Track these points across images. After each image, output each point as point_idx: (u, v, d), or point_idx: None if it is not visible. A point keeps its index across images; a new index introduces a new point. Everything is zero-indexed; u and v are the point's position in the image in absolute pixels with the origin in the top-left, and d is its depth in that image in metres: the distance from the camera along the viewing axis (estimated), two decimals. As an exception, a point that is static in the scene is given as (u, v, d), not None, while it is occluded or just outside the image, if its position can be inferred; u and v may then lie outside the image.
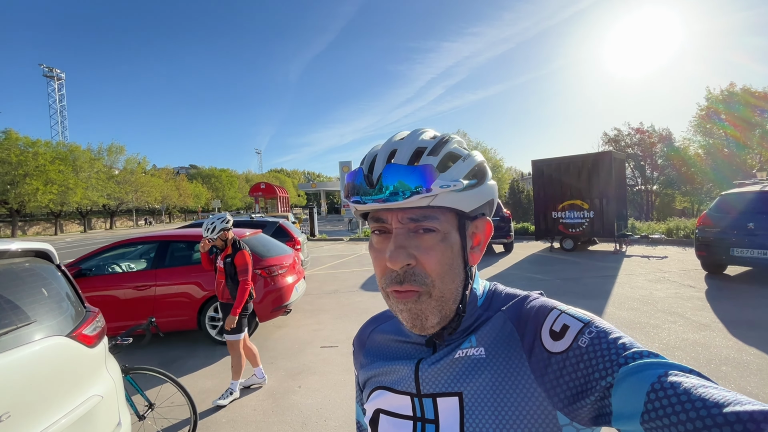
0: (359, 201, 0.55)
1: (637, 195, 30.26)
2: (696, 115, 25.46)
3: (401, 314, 0.56)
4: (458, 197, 0.53)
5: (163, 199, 50.06)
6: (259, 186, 40.79)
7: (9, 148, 30.03)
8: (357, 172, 0.56)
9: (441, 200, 0.52)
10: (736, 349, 3.95)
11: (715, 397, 0.37)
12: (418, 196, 0.51)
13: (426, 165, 0.52)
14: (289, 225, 8.96)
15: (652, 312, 5.23)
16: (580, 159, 10.95)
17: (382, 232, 0.56)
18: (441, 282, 0.54)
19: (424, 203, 0.52)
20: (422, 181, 0.51)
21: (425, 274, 0.54)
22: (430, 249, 0.54)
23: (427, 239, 0.54)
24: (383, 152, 0.56)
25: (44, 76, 65.86)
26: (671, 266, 8.22)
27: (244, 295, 3.42)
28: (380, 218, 0.56)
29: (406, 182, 0.51)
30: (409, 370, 0.60)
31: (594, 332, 0.49)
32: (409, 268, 0.53)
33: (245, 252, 3.52)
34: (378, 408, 0.62)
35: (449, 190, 0.52)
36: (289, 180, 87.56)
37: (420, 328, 0.55)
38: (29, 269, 1.85)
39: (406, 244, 0.53)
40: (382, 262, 0.55)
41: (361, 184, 0.55)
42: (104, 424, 1.91)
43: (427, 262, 0.53)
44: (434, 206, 0.53)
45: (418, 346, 0.63)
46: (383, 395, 0.62)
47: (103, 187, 38.32)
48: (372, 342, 0.71)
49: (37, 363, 1.61)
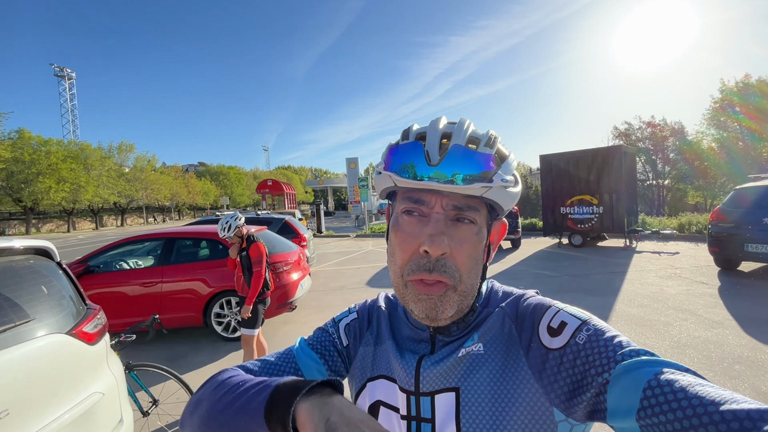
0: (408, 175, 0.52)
1: (648, 190, 29.76)
2: (710, 107, 24.90)
3: (417, 304, 0.54)
4: (504, 194, 0.53)
5: (173, 197, 50.63)
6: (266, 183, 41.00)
7: (22, 147, 30.57)
8: (410, 145, 0.54)
9: (493, 193, 0.52)
10: (750, 347, 3.85)
11: (712, 395, 0.37)
12: (479, 184, 0.50)
13: (489, 154, 0.51)
14: (295, 222, 8.98)
15: (662, 309, 5.12)
16: (590, 153, 10.77)
17: (413, 214, 0.54)
18: (467, 276, 0.54)
19: (479, 192, 0.51)
20: (486, 169, 0.51)
21: (455, 267, 0.53)
22: (464, 241, 0.53)
23: (464, 230, 0.53)
24: (434, 132, 0.54)
25: (55, 75, 66.88)
26: (683, 262, 8.05)
27: (258, 284, 3.48)
28: (420, 199, 0.53)
29: (471, 167, 0.50)
30: (410, 367, 0.59)
31: (591, 329, 0.49)
32: (442, 258, 0.52)
33: (259, 243, 3.62)
34: (379, 399, 0.61)
35: (503, 185, 0.52)
36: (297, 177, 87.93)
37: (432, 320, 0.54)
38: (29, 267, 1.85)
39: (445, 231, 0.52)
40: (411, 246, 0.53)
41: (418, 160, 0.52)
42: (106, 421, 1.91)
43: (459, 254, 0.53)
44: (484, 198, 0.52)
45: (418, 342, 0.62)
46: (384, 385, 0.61)
47: (113, 184, 38.88)
48: (378, 321, 0.68)
49: (36, 361, 1.61)
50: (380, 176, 0.57)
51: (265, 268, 3.59)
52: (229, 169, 71.01)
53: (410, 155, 0.52)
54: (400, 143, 0.56)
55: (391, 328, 0.66)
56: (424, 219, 0.53)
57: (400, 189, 0.56)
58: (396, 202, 0.57)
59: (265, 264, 3.57)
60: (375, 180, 0.59)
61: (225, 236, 3.58)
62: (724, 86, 23.96)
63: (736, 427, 0.33)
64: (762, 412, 0.33)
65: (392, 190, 0.57)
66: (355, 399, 0.65)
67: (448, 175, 0.50)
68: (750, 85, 22.63)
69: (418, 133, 0.55)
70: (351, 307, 0.74)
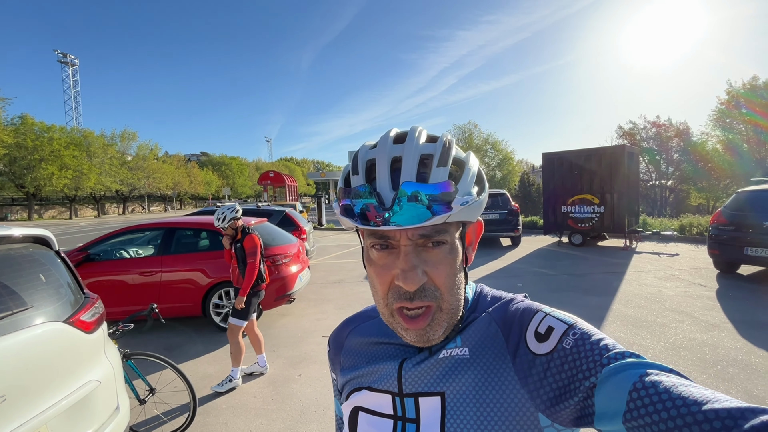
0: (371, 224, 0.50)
1: (651, 190, 29.64)
2: (715, 108, 24.69)
3: (407, 333, 0.54)
4: (470, 210, 0.52)
5: (175, 186, 50.67)
6: (268, 174, 40.96)
7: (25, 133, 30.60)
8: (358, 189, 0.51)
9: (456, 216, 0.51)
10: (745, 350, 3.86)
11: (695, 396, 0.37)
12: (438, 216, 0.49)
13: (444, 183, 0.50)
14: (296, 214, 8.98)
15: (659, 310, 5.13)
16: (593, 152, 10.72)
17: (384, 248, 0.53)
18: (449, 294, 0.54)
19: (441, 221, 0.50)
20: (442, 201, 0.49)
21: (435, 288, 0.53)
22: (439, 263, 0.52)
23: (437, 253, 0.52)
24: (384, 159, 0.52)
25: (59, 62, 66.60)
26: (682, 264, 8.05)
27: (252, 275, 3.50)
28: (385, 236, 0.52)
29: (427, 204, 0.48)
30: (392, 370, 0.59)
31: (578, 334, 0.50)
32: (420, 286, 0.52)
33: (254, 235, 3.63)
34: (357, 405, 0.61)
35: (465, 206, 0.51)
36: (299, 169, 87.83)
37: (425, 342, 0.54)
38: (28, 255, 1.87)
39: (417, 262, 0.51)
40: (386, 278, 0.53)
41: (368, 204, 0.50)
42: (102, 409, 1.94)
43: (437, 276, 0.52)
44: (449, 222, 0.51)
45: (402, 348, 0.61)
46: (363, 394, 0.61)
47: (116, 172, 38.92)
48: (351, 344, 0.69)
49: (33, 348, 1.63)
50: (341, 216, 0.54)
51: (260, 260, 3.60)
52: (231, 160, 70.93)
53: (362, 200, 0.51)
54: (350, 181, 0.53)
55: (367, 342, 0.66)
56: (394, 251, 0.52)
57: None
58: (362, 235, 0.56)
59: (259, 256, 3.59)
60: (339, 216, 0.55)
61: (219, 226, 3.61)
62: (731, 88, 23.72)
63: (718, 425, 0.34)
64: (743, 410, 0.34)
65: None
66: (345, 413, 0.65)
67: (404, 218, 0.48)
68: (757, 87, 22.40)
69: (367, 165, 0.53)
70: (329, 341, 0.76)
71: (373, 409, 0.60)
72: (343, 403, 0.66)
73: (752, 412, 0.34)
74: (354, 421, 0.61)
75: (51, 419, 1.61)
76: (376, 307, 0.71)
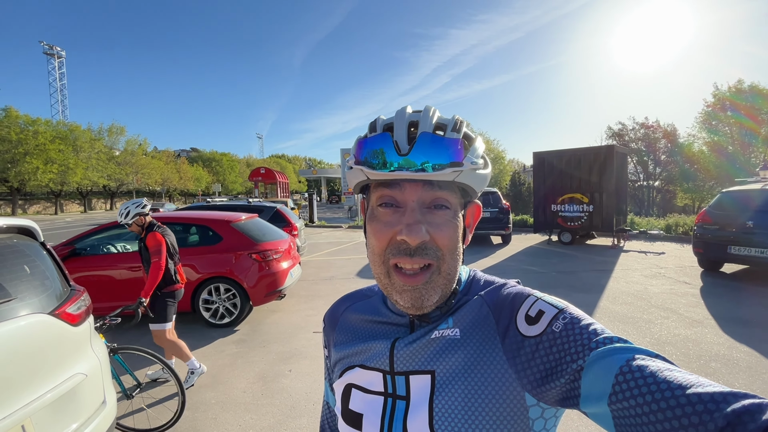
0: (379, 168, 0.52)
1: (638, 190, 30.14)
2: (702, 111, 25.16)
3: (401, 294, 0.54)
4: (475, 177, 0.54)
5: (164, 182, 49.95)
6: (259, 171, 40.58)
7: (9, 126, 29.84)
8: (378, 138, 0.53)
9: (465, 177, 0.52)
10: (727, 346, 3.96)
11: (679, 380, 0.38)
12: (450, 169, 0.51)
13: (456, 139, 0.52)
14: (287, 210, 8.93)
15: (645, 307, 5.23)
16: (582, 152, 10.85)
17: (389, 205, 0.54)
18: (450, 257, 0.55)
19: (451, 177, 0.51)
20: (455, 153, 0.51)
21: (437, 248, 0.53)
22: (443, 225, 0.53)
23: (441, 215, 0.54)
24: (401, 121, 0.54)
25: (45, 54, 65.10)
26: (668, 262, 8.21)
27: (155, 276, 3.20)
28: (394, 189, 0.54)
29: (440, 153, 0.51)
30: (385, 348, 0.60)
31: (567, 318, 0.50)
32: (422, 243, 0.52)
33: (157, 233, 3.35)
34: (350, 383, 0.62)
35: (473, 168, 0.52)
36: (290, 166, 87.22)
37: (418, 308, 0.54)
38: (11, 246, 1.83)
39: (422, 219, 0.52)
40: (387, 234, 0.54)
41: (387, 151, 0.52)
42: (88, 402, 1.91)
43: (439, 237, 0.53)
44: (457, 182, 0.53)
45: (396, 327, 0.62)
46: (356, 371, 0.62)
47: (103, 167, 38.21)
48: (345, 320, 0.70)
49: (17, 340, 1.60)
50: (352, 171, 0.56)
51: (166, 259, 3.34)
52: (222, 156, 70.19)
53: (379, 147, 0.53)
54: (368, 136, 0.55)
55: (362, 319, 0.67)
56: (399, 209, 0.54)
57: (373, 181, 0.56)
58: (370, 194, 0.57)
59: (164, 254, 3.32)
60: (347, 175, 0.58)
61: (122, 222, 3.34)
62: (717, 91, 24.20)
63: (700, 409, 0.35)
64: (725, 394, 0.35)
65: (365, 183, 0.57)
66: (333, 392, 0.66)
67: (417, 163, 0.50)
68: (742, 90, 22.89)
69: (385, 125, 0.55)
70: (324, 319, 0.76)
71: (365, 386, 0.60)
72: (335, 381, 0.66)
73: (734, 396, 0.34)
74: (347, 397, 0.62)
75: (35, 412, 1.58)
76: (373, 288, 0.72)
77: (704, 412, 0.34)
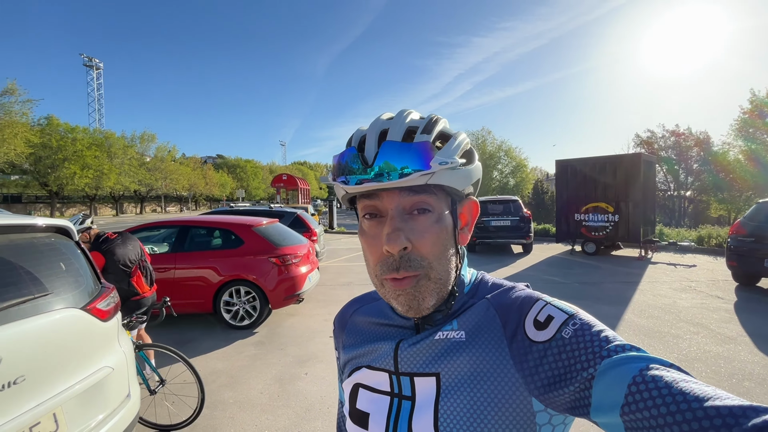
0: (351, 182, 0.53)
1: (669, 200, 28.96)
2: (738, 118, 24.04)
3: (396, 300, 0.55)
4: (454, 175, 0.53)
5: (191, 187, 51.70)
6: (281, 177, 41.42)
7: (50, 134, 31.68)
8: (347, 152, 0.55)
9: (438, 178, 0.52)
10: (763, 364, 3.74)
11: (696, 392, 0.36)
12: (417, 174, 0.50)
13: (423, 142, 0.51)
14: (307, 216, 9.07)
15: (673, 321, 5.01)
16: (607, 160, 10.57)
17: (374, 217, 0.55)
18: (438, 263, 0.54)
19: (422, 181, 0.51)
20: (421, 158, 0.50)
21: (421, 257, 0.53)
22: (425, 231, 0.53)
23: (422, 221, 0.53)
24: (373, 131, 0.55)
25: (84, 65, 69.00)
26: (699, 275, 7.84)
27: None
28: (373, 203, 0.54)
29: (404, 160, 0.50)
30: (389, 349, 0.61)
31: (578, 324, 0.49)
32: (405, 253, 0.53)
33: (97, 252, 3.35)
34: (358, 382, 0.63)
35: (446, 168, 0.51)
36: (312, 173, 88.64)
37: (416, 310, 0.55)
38: (50, 244, 1.96)
39: (402, 226, 0.52)
40: (376, 248, 0.54)
41: (354, 164, 0.53)
42: (114, 395, 2.00)
43: (422, 245, 0.53)
44: (432, 184, 0.52)
45: (401, 329, 0.63)
46: (363, 372, 0.63)
47: (134, 173, 39.93)
48: (354, 323, 0.71)
49: (51, 332, 1.70)
50: (336, 186, 0.58)
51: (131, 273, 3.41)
52: (246, 163, 72.04)
53: (347, 161, 0.54)
54: (342, 151, 0.57)
55: (369, 321, 0.69)
56: (382, 219, 0.54)
57: (353, 194, 0.57)
58: (357, 207, 0.58)
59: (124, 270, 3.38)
60: (335, 190, 0.59)
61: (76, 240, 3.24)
62: (754, 97, 23.10)
63: (719, 423, 0.33)
64: (744, 408, 0.33)
65: (350, 196, 0.58)
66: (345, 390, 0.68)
67: (383, 173, 0.51)
68: (782, 96, 21.76)
69: (359, 137, 0.57)
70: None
71: (372, 386, 0.61)
72: (344, 381, 0.68)
73: (754, 411, 0.33)
74: (354, 396, 0.63)
75: (66, 401, 1.67)
76: None
77: (722, 427, 0.33)
